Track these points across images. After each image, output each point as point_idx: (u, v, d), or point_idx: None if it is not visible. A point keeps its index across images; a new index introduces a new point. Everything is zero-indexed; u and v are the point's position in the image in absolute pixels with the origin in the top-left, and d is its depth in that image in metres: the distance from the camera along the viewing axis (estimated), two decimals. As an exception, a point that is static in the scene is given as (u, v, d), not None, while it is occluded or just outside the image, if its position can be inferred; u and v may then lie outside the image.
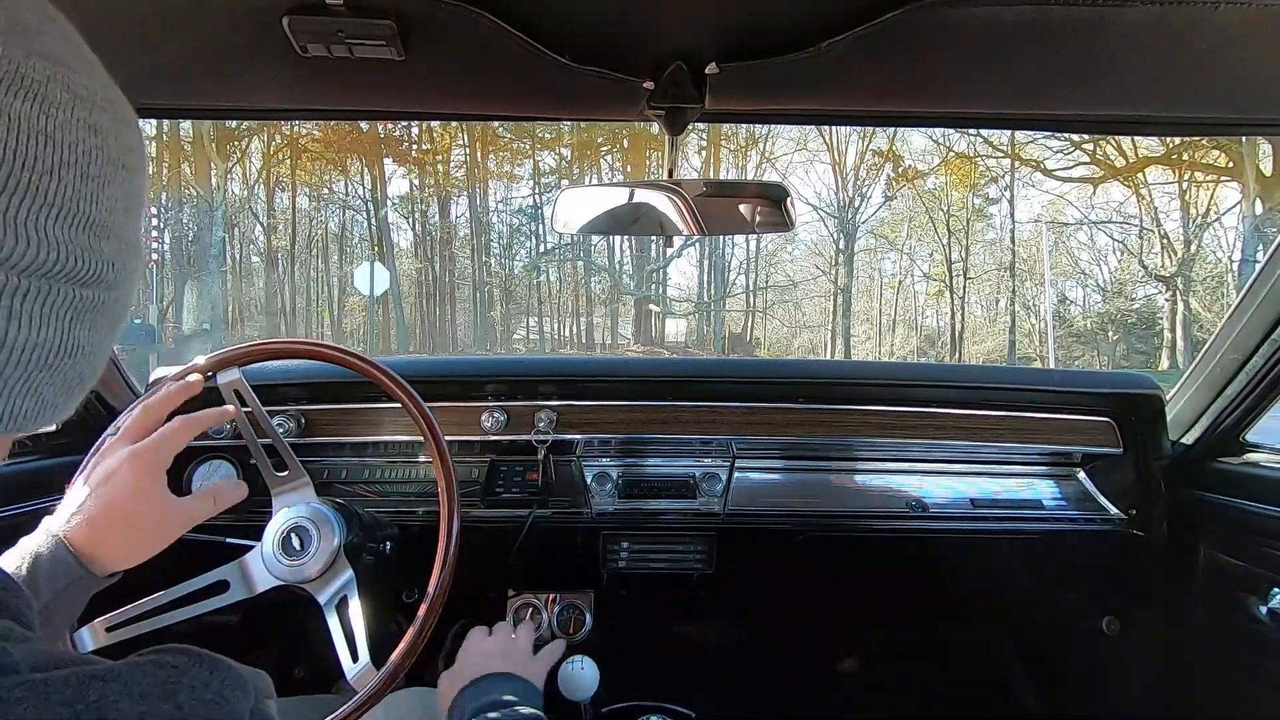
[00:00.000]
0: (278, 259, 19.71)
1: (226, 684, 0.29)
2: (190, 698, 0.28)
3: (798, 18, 0.66)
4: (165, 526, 0.64)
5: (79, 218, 0.29)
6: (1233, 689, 1.15)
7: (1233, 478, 1.17)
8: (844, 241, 19.71)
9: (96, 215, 0.30)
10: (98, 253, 0.31)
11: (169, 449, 0.66)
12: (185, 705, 0.27)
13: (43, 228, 0.28)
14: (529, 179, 20.99)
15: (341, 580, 0.86)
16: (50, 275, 0.29)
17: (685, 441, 1.25)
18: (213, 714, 0.28)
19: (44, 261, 0.28)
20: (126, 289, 0.35)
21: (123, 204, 0.32)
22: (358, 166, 19.80)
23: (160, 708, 0.27)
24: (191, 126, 16.18)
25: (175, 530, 0.65)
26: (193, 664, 0.29)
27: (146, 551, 0.63)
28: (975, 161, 18.46)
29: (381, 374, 0.88)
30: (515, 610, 1.29)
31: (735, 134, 19.05)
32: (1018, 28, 0.65)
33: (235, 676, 0.30)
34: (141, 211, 0.35)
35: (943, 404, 1.26)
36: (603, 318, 21.74)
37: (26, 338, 0.28)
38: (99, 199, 0.30)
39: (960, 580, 1.35)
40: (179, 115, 0.93)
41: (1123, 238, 17.49)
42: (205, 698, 0.28)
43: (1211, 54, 0.68)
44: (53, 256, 0.28)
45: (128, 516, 0.62)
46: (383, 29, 0.63)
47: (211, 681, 0.29)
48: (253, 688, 0.31)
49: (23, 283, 0.27)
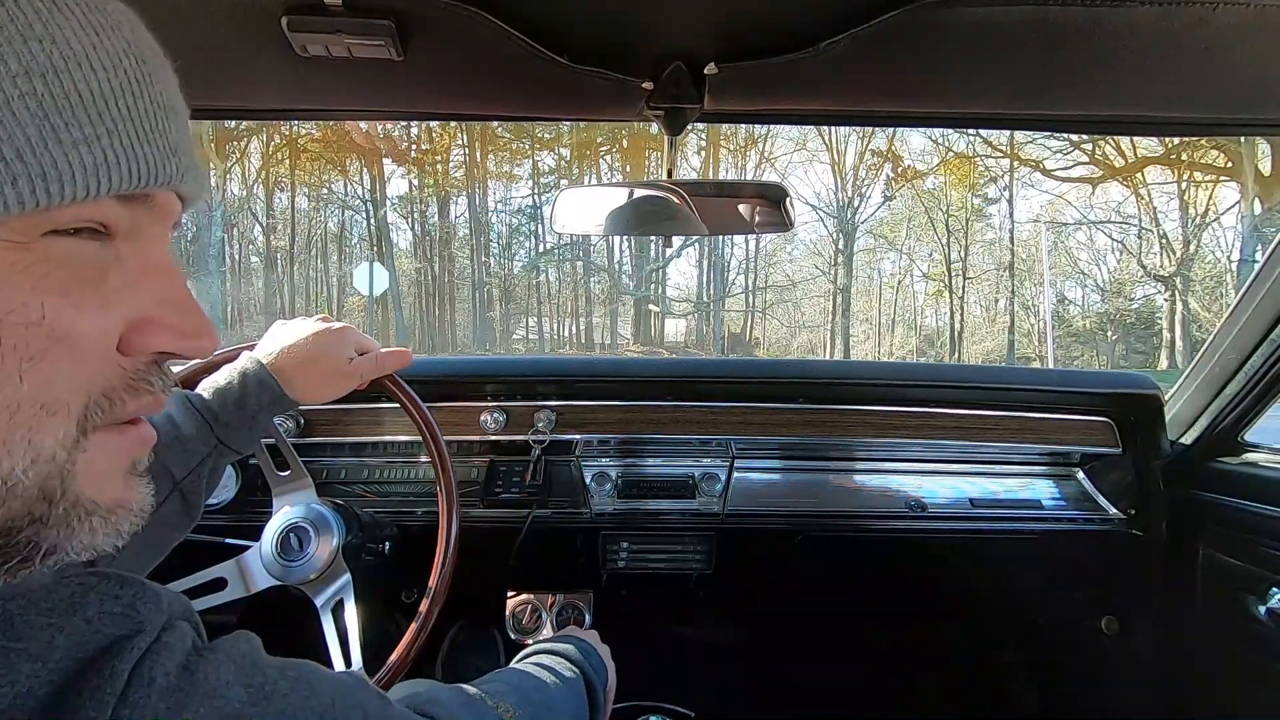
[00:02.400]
0: (276, 259, 19.70)
1: (138, 596, 0.29)
2: (99, 610, 0.28)
3: (797, 18, 0.66)
4: (339, 375, 0.76)
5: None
6: (1232, 689, 1.15)
7: (1231, 477, 1.17)
8: (843, 241, 19.73)
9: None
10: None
11: (374, 352, 0.80)
12: (94, 618, 0.27)
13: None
14: (528, 179, 21.02)
15: (338, 584, 0.86)
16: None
17: (685, 442, 1.25)
18: (123, 626, 0.28)
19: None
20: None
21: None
22: (356, 167, 19.81)
23: (70, 620, 0.26)
24: (189, 126, 16.18)
25: (345, 379, 0.77)
26: (101, 581, 0.29)
27: (324, 392, 0.76)
28: (974, 161, 18.48)
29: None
30: (514, 610, 1.30)
31: (735, 134, 19.08)
32: (1017, 28, 0.65)
33: (149, 591, 0.30)
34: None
35: (942, 404, 1.26)
36: (602, 318, 21.74)
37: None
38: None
39: (959, 580, 1.35)
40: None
41: (1121, 237, 17.52)
42: (115, 610, 0.28)
43: (1211, 54, 0.68)
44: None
45: (315, 358, 0.74)
46: (382, 29, 0.63)
47: (122, 594, 0.29)
48: (168, 604, 0.30)
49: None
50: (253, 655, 0.32)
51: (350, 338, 0.78)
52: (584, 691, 0.69)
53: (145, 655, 0.27)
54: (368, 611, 0.85)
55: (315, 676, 0.34)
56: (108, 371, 0.30)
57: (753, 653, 1.46)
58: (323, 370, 0.75)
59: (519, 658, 0.73)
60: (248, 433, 0.71)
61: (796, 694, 1.43)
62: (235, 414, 0.69)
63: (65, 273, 0.28)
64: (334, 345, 0.76)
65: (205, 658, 0.29)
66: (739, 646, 1.46)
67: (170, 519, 0.65)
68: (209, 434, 0.67)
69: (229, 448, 0.69)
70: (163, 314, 0.32)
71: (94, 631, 0.27)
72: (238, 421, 0.69)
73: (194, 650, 0.29)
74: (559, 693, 0.65)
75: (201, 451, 0.67)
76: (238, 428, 0.70)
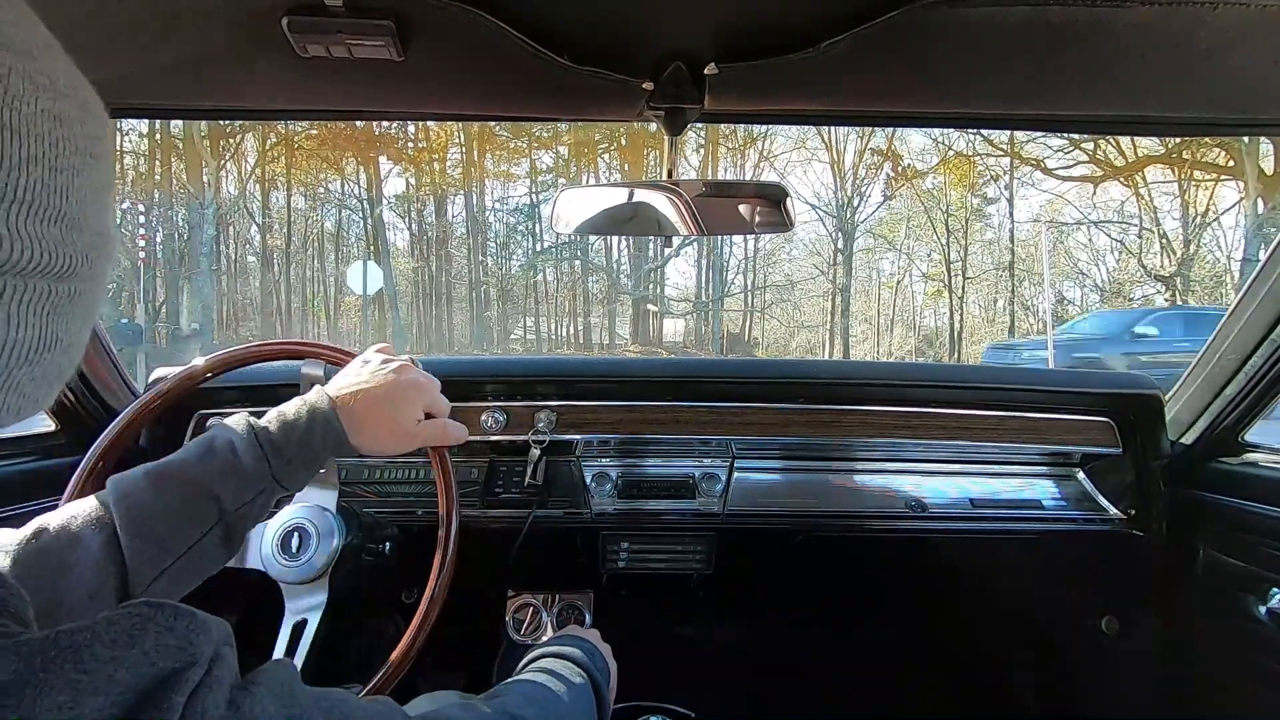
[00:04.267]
0: (272, 258, 19.63)
1: (190, 628, 0.31)
2: (156, 642, 0.29)
3: (797, 18, 0.66)
4: (403, 435, 0.73)
5: (50, 212, 0.29)
6: (1232, 689, 1.15)
7: (1232, 478, 1.17)
8: (842, 241, 19.69)
9: (67, 208, 0.30)
10: (71, 245, 0.31)
11: (441, 419, 0.78)
12: (150, 650, 0.28)
13: (15, 225, 0.27)
14: (526, 177, 20.94)
15: (312, 601, 0.85)
16: (26, 273, 0.28)
17: (685, 442, 1.25)
18: (178, 659, 0.29)
19: (19, 260, 0.28)
20: (99, 279, 0.35)
21: (92, 194, 0.32)
22: (353, 166, 19.74)
23: (130, 653, 0.28)
24: (184, 124, 16.17)
25: (408, 440, 0.73)
26: (156, 612, 0.30)
27: (385, 446, 0.72)
28: (974, 161, 18.46)
29: None
30: (515, 610, 1.30)
31: (733, 133, 19.01)
32: (1018, 28, 0.65)
33: (198, 621, 0.31)
34: (110, 199, 0.35)
35: (942, 404, 1.26)
36: (600, 317, 21.66)
37: (6, 335, 0.28)
38: (69, 191, 0.30)
39: (960, 581, 1.35)
40: (178, 116, 0.93)
41: (1121, 236, 17.49)
42: (169, 643, 0.29)
43: (1211, 54, 0.68)
44: (27, 254, 0.28)
45: (384, 411, 0.70)
46: (382, 29, 0.64)
47: (176, 626, 0.30)
48: (216, 634, 0.32)
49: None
50: (290, 685, 0.34)
51: (423, 396, 0.75)
52: (592, 696, 0.69)
53: (199, 688, 0.29)
54: (368, 613, 0.85)
55: (347, 706, 0.36)
56: None
57: (753, 653, 1.46)
58: (389, 425, 0.71)
59: (525, 663, 0.74)
60: (305, 472, 0.68)
61: (796, 694, 1.43)
62: (297, 451, 0.66)
63: None
64: (406, 403, 0.72)
65: (250, 691, 0.31)
66: (739, 646, 1.46)
67: (209, 551, 0.62)
68: (266, 469, 0.64)
69: (282, 485, 0.66)
70: None
71: (150, 664, 0.28)
72: (298, 460, 0.66)
73: (239, 684, 0.31)
74: (570, 700, 0.65)
75: (256, 486, 0.64)
76: (297, 467, 0.66)
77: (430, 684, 0.89)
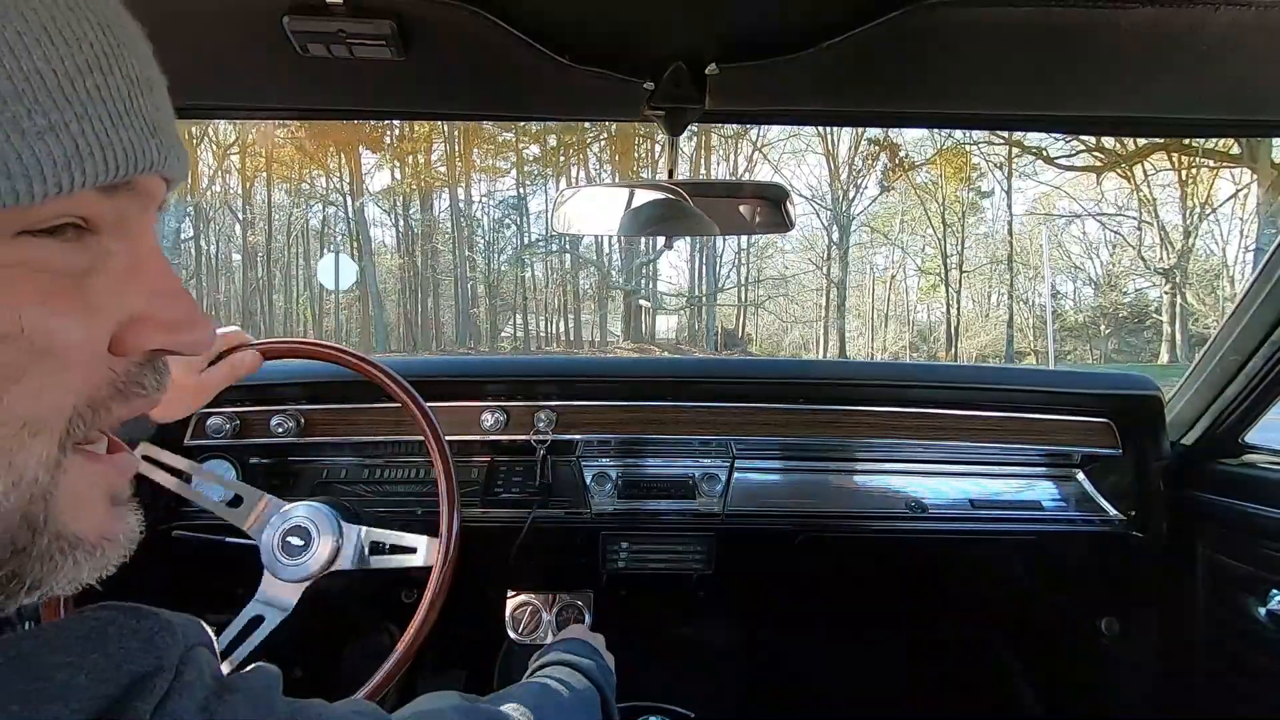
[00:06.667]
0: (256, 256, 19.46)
1: (155, 629, 0.29)
2: (118, 645, 0.27)
3: (798, 18, 0.66)
4: (196, 391, 0.73)
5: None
6: (1232, 690, 1.15)
7: (1232, 479, 1.17)
8: (837, 235, 19.64)
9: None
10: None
11: (222, 376, 0.77)
12: (114, 653, 0.27)
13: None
14: (512, 169, 20.60)
15: (280, 600, 0.85)
16: None
17: (685, 442, 1.25)
18: (144, 663, 0.27)
19: None
20: None
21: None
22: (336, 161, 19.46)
23: (89, 657, 0.26)
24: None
25: (203, 394, 0.74)
26: (118, 614, 0.28)
27: (180, 410, 0.73)
28: (970, 153, 18.39)
29: (382, 374, 0.88)
30: (515, 610, 1.30)
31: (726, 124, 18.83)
32: (1018, 28, 0.65)
33: (163, 622, 0.29)
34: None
35: (942, 404, 1.26)
36: (591, 314, 21.49)
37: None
38: None
39: (959, 581, 1.35)
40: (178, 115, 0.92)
41: (1119, 228, 17.47)
42: (132, 645, 0.27)
43: (1211, 54, 0.68)
44: None
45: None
46: (382, 29, 0.63)
47: (139, 628, 0.28)
48: (183, 633, 0.30)
49: None
50: (268, 694, 0.32)
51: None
52: (599, 703, 0.70)
53: (167, 696, 0.27)
54: (367, 613, 0.85)
55: (328, 716, 0.35)
56: (96, 380, 0.28)
57: (753, 653, 1.46)
58: (179, 391, 0.70)
59: (535, 668, 0.74)
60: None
61: (796, 694, 1.43)
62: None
63: (43, 278, 0.26)
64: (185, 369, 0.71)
65: (224, 699, 0.29)
66: (739, 646, 1.46)
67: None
68: None
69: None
70: (155, 309, 0.30)
71: (115, 667, 0.26)
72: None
73: (214, 688, 0.29)
74: (578, 710, 0.65)
75: None
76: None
77: (430, 684, 0.89)
